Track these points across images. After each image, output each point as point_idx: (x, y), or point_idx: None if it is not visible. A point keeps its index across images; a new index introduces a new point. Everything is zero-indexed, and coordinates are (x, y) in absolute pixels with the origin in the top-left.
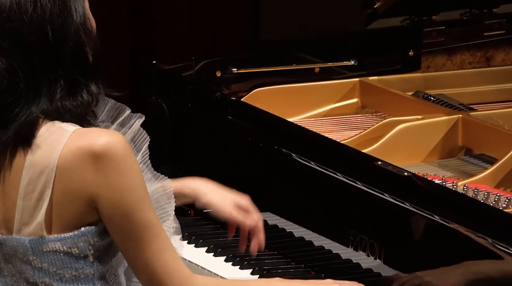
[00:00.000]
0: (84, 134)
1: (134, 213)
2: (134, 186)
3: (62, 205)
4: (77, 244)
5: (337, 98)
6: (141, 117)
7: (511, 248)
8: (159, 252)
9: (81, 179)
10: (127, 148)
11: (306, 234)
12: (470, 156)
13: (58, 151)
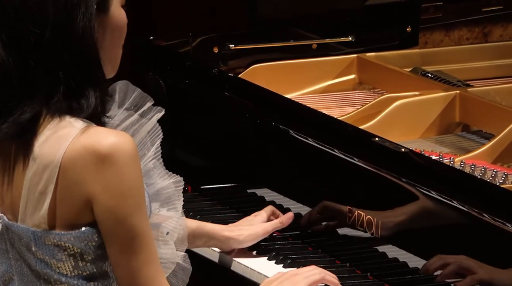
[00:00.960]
0: (91, 133)
1: (127, 220)
2: (131, 193)
3: (63, 202)
4: (78, 243)
5: (335, 74)
6: (161, 111)
7: (508, 224)
8: (145, 262)
9: (82, 178)
10: (133, 153)
11: (304, 210)
12: (468, 132)
13: (64, 147)
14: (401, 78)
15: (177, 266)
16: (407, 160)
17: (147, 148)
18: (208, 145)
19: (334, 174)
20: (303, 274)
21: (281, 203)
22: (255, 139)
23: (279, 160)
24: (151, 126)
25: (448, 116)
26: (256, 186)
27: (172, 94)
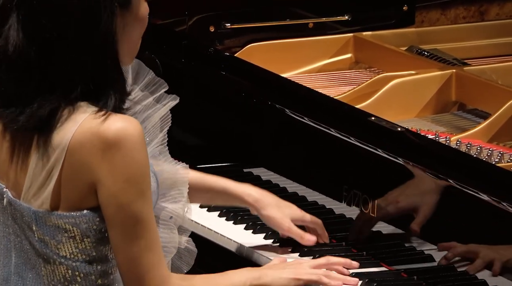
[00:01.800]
0: (101, 116)
1: (130, 206)
2: (136, 179)
3: (68, 184)
4: (79, 225)
5: (331, 53)
6: (175, 99)
7: (503, 202)
8: (146, 248)
9: (88, 161)
10: (140, 139)
11: (300, 189)
12: (463, 111)
13: (72, 131)
14: (398, 57)
15: (182, 249)
16: (403, 139)
17: (156, 133)
18: (204, 124)
19: (330, 153)
20: (309, 263)
21: (277, 182)
22: (252, 119)
23: (275, 139)
24: (164, 112)
25: (444, 95)
26: (253, 165)
27: (168, 73)
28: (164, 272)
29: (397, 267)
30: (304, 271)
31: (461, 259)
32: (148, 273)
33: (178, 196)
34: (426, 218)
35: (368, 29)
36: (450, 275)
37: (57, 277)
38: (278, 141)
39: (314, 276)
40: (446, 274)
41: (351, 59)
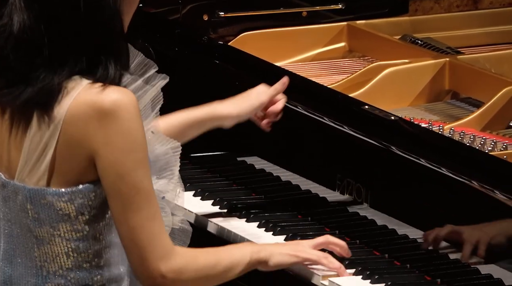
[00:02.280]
0: (94, 90)
1: (129, 175)
2: (134, 149)
3: (65, 158)
4: (74, 201)
5: (325, 42)
6: (165, 79)
7: (496, 190)
8: (147, 219)
9: (84, 133)
10: (135, 110)
11: (293, 178)
12: (457, 100)
13: (67, 104)
14: (391, 46)
15: (177, 229)
16: (396, 127)
17: (148, 113)
18: None
19: (324, 142)
20: (309, 242)
21: (270, 171)
22: None
23: None
24: (155, 93)
25: (438, 84)
26: (246, 154)
27: (162, 62)
28: (167, 243)
29: (390, 255)
30: (304, 249)
31: (453, 246)
32: (150, 243)
33: (170, 176)
34: (420, 206)
35: (362, 17)
36: (443, 263)
37: (51, 257)
38: (272, 130)
39: (313, 256)
40: (439, 262)
41: (345, 48)
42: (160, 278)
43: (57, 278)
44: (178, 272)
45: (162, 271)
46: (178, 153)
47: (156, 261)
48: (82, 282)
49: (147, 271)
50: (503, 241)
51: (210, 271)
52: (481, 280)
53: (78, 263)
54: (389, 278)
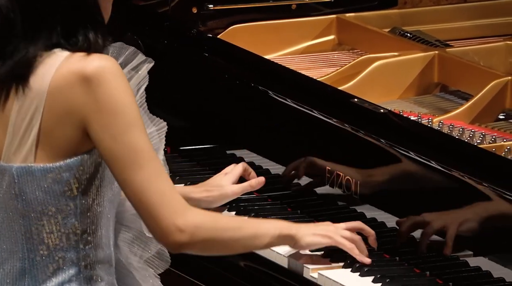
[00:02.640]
0: (76, 58)
1: (124, 135)
2: (124, 108)
3: (52, 131)
4: (61, 175)
5: (314, 35)
6: (151, 62)
7: (485, 183)
8: (151, 177)
9: (71, 102)
10: (119, 72)
11: (283, 171)
12: (446, 92)
13: (49, 75)
14: (381, 38)
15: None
16: (386, 120)
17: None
18: (187, 106)
19: (313, 135)
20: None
21: (260, 164)
22: (234, 100)
23: (258, 120)
24: (141, 78)
25: (427, 76)
26: (236, 147)
27: (151, 54)
28: (178, 199)
29: (379, 247)
30: (338, 231)
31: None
32: (160, 200)
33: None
34: (409, 199)
35: (351, 10)
36: (432, 256)
37: (40, 238)
38: (261, 123)
39: (347, 244)
40: (428, 255)
41: (334, 41)
42: (178, 233)
43: (44, 259)
44: (196, 227)
45: (178, 225)
46: (164, 133)
47: (170, 216)
48: (70, 261)
49: (162, 229)
50: (491, 233)
51: (232, 233)
52: (470, 272)
53: (65, 242)
54: (378, 271)
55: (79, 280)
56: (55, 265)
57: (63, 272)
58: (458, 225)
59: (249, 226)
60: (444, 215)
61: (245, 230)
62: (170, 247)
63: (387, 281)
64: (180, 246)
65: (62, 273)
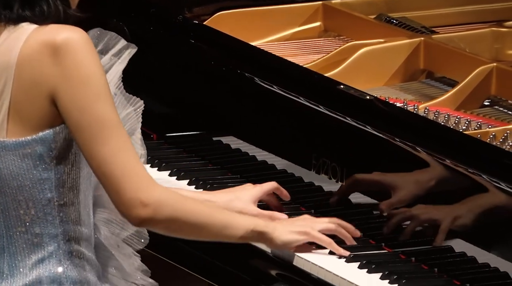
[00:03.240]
0: (44, 29)
1: (91, 107)
2: (92, 79)
3: (23, 104)
4: (35, 149)
5: (300, 22)
6: (134, 48)
7: (470, 169)
8: (117, 150)
9: (40, 73)
10: (88, 42)
11: (269, 157)
12: (431, 79)
13: (17, 48)
14: (367, 25)
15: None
16: (371, 107)
17: (114, 81)
18: (173, 93)
19: (299, 122)
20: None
21: (246, 151)
22: (221, 87)
23: (244, 107)
24: (123, 65)
25: (413, 63)
26: (222, 133)
27: (137, 41)
28: (143, 174)
29: (365, 233)
30: (316, 226)
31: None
32: (124, 174)
33: (132, 137)
34: (394, 185)
35: None
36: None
37: (16, 213)
38: (248, 110)
39: (324, 238)
40: (412, 241)
41: (320, 28)
42: (140, 207)
43: (22, 235)
44: (161, 203)
45: (141, 199)
46: (140, 111)
47: (134, 190)
48: (48, 237)
49: (125, 202)
50: (477, 219)
51: (200, 217)
52: (455, 258)
53: (42, 217)
54: (363, 257)
55: (59, 256)
56: (34, 241)
57: (42, 249)
58: (445, 212)
59: (220, 214)
60: (430, 203)
61: (215, 218)
62: (132, 221)
63: (372, 267)
64: (142, 221)
65: (41, 249)
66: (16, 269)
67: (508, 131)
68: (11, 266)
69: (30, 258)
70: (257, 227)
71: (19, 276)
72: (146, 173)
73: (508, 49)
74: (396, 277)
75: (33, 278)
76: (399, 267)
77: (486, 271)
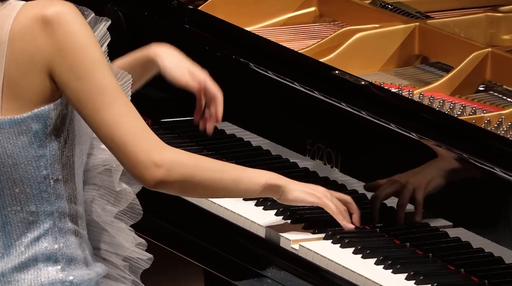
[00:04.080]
0: (34, 4)
1: (89, 75)
2: (86, 48)
3: (17, 81)
4: (30, 126)
5: (295, 7)
6: (108, 21)
7: (465, 154)
8: (121, 115)
9: (33, 47)
10: (78, 14)
11: (264, 143)
12: (426, 64)
13: (9, 24)
14: (361, 10)
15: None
16: (366, 92)
17: None
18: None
19: (294, 107)
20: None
21: (241, 136)
22: (215, 73)
23: (239, 93)
24: (100, 37)
25: (408, 48)
26: None
27: (131, 26)
28: (152, 136)
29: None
30: (326, 194)
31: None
32: (132, 137)
33: None
34: (390, 171)
35: None
36: (412, 227)
37: (12, 192)
38: (242, 95)
39: (333, 206)
40: (407, 226)
41: (315, 13)
42: (154, 168)
43: (17, 214)
44: (174, 162)
45: (155, 160)
46: (129, 85)
47: (146, 151)
48: (43, 214)
49: (139, 165)
50: (471, 204)
51: (213, 173)
52: (450, 243)
53: (38, 195)
54: (358, 243)
55: (54, 233)
56: (29, 219)
57: (38, 227)
58: (439, 196)
59: (233, 170)
60: (424, 188)
61: (228, 173)
62: (147, 183)
63: (367, 252)
64: (157, 182)
65: (37, 227)
66: (12, 247)
67: (503, 116)
68: (7, 245)
69: (26, 236)
70: (270, 180)
71: (15, 254)
72: (154, 135)
73: (503, 34)
74: (391, 262)
75: (28, 256)
76: (394, 252)
77: (480, 256)
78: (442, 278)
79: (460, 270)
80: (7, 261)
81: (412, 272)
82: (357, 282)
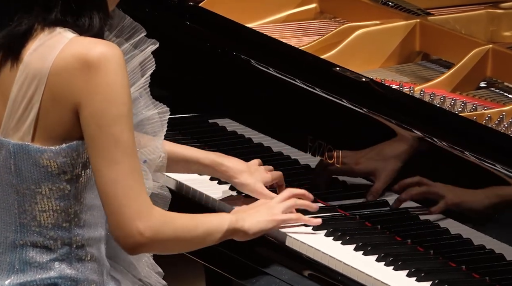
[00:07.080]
0: (81, 42)
1: (110, 127)
2: (117, 101)
3: (50, 113)
4: (57, 159)
5: (296, 3)
6: (155, 44)
7: (466, 151)
8: (126, 173)
9: (70, 86)
10: (121, 62)
11: (265, 140)
12: (427, 61)
13: (53, 56)
14: (362, 7)
15: (155, 194)
16: (367, 89)
17: (137, 78)
18: (169, 75)
19: (295, 104)
20: (277, 199)
21: (242, 133)
22: (216, 69)
23: (240, 89)
24: (143, 57)
25: (409, 45)
26: (218, 116)
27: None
28: (144, 200)
29: (361, 216)
30: (278, 209)
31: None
32: (126, 198)
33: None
34: (390, 167)
35: None
36: (413, 224)
37: (30, 215)
38: (243, 92)
39: (292, 216)
40: (408, 223)
41: (316, 9)
42: (137, 236)
43: (35, 235)
44: (156, 231)
45: (139, 228)
46: (166, 117)
47: (133, 217)
48: (61, 240)
49: (124, 229)
50: (472, 201)
51: (188, 233)
52: (451, 240)
53: (57, 221)
54: (360, 239)
55: (70, 259)
56: (46, 243)
57: (54, 251)
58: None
59: (203, 223)
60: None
61: (199, 229)
62: (127, 248)
63: (368, 249)
64: (138, 247)
65: (53, 251)
66: (27, 265)
67: (504, 113)
68: (22, 262)
69: (42, 257)
70: (231, 224)
71: (29, 273)
72: (147, 200)
73: (504, 30)
74: (392, 259)
75: (44, 277)
76: (395, 249)
77: (481, 252)
78: (443, 275)
79: (461, 267)
80: (20, 277)
81: (413, 269)
82: (358, 279)
